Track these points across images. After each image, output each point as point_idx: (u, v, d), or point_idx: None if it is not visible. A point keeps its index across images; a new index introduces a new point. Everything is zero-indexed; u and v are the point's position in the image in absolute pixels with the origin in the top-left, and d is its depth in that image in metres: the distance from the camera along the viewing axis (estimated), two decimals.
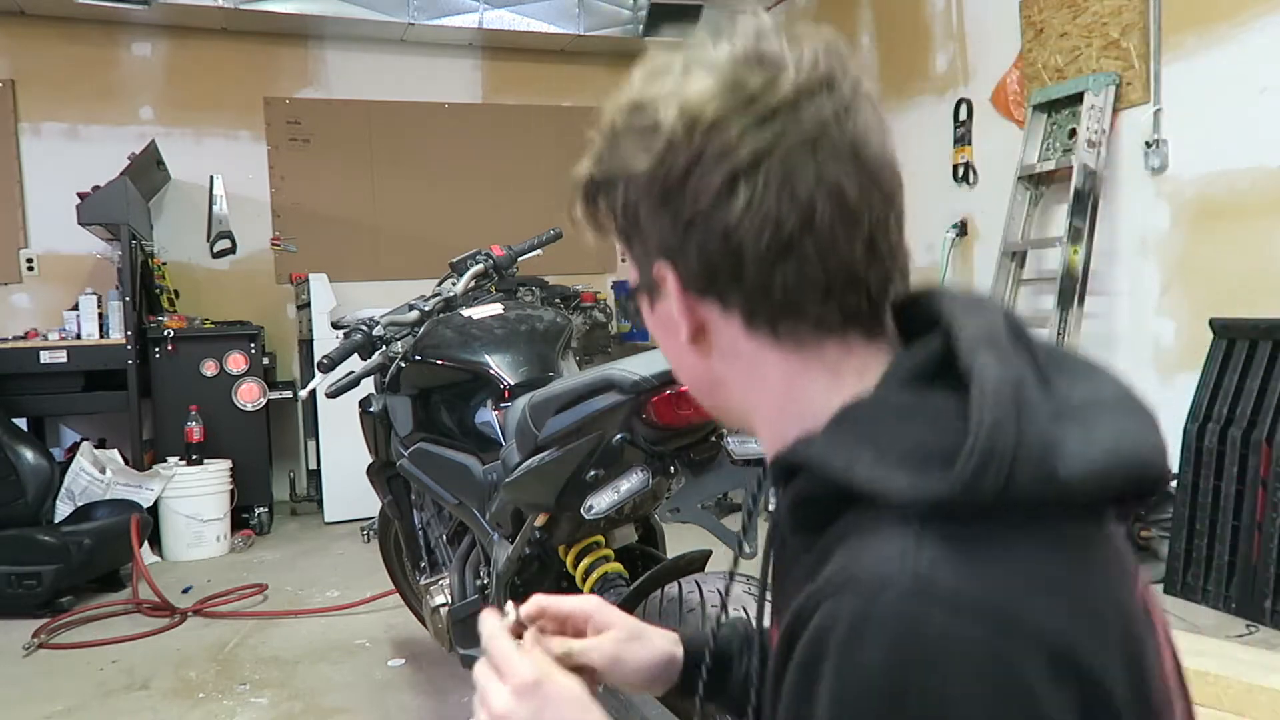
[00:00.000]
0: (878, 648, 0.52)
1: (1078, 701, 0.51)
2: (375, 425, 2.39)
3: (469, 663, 2.05)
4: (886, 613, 0.52)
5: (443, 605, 2.17)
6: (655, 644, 0.88)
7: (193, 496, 4.31)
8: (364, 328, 2.22)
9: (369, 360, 2.26)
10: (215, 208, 5.00)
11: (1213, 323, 3.29)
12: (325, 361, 2.13)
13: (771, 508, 0.86)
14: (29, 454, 4.02)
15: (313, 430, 5.13)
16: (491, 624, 0.79)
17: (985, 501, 0.53)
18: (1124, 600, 0.57)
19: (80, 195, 4.39)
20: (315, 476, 5.18)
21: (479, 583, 2.03)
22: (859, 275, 0.62)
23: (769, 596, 0.77)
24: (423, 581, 2.34)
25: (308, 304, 4.85)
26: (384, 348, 2.25)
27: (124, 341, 4.47)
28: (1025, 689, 0.51)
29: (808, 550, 0.61)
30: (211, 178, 5.02)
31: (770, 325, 0.64)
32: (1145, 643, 0.56)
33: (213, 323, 4.89)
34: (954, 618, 0.51)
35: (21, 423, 4.36)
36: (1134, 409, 0.60)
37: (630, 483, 1.42)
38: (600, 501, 1.58)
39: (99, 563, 3.75)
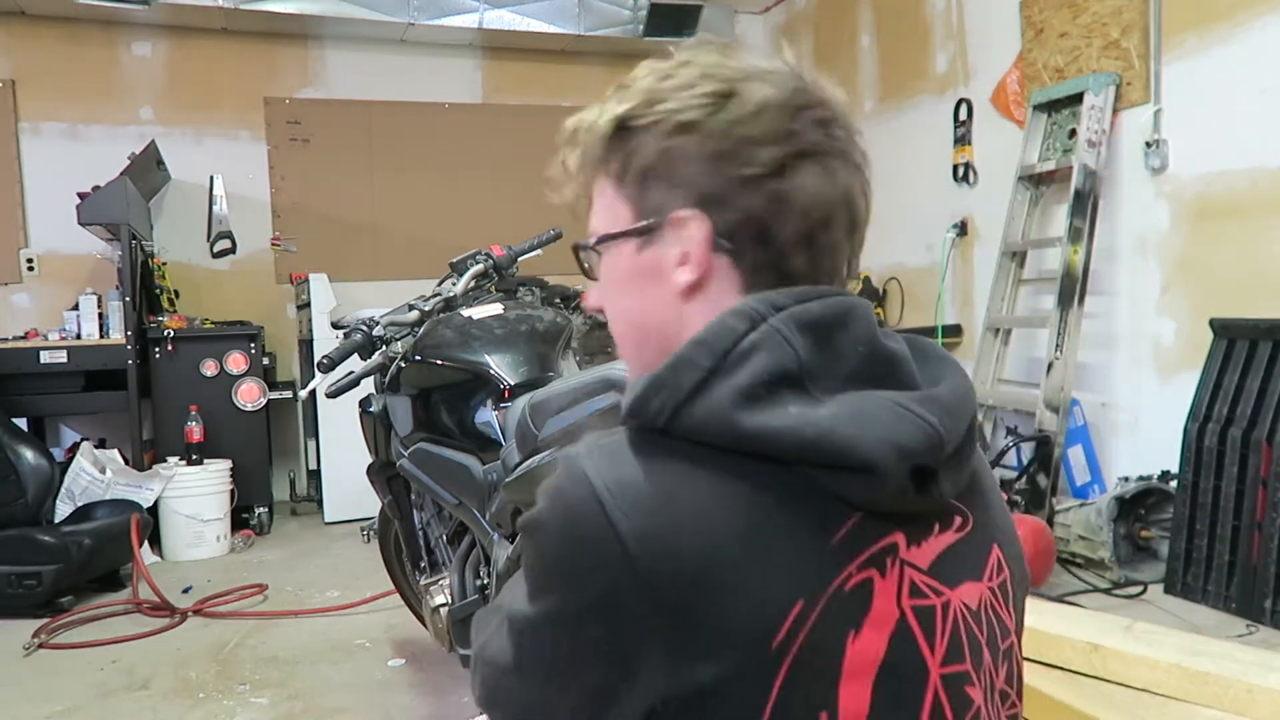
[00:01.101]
0: (545, 489, 0.69)
1: (630, 593, 0.63)
2: (375, 425, 2.39)
3: (469, 663, 2.05)
4: (558, 468, 0.69)
5: (443, 605, 2.17)
6: None
7: (193, 496, 4.30)
8: (364, 328, 2.22)
9: (369, 360, 2.25)
10: (215, 208, 4.99)
11: (1213, 323, 3.29)
12: (325, 361, 2.13)
13: None
14: (29, 454, 4.01)
15: (313, 430, 5.13)
16: None
17: (655, 420, 0.67)
18: (775, 552, 0.65)
19: (80, 195, 4.38)
20: (315, 476, 5.18)
21: (479, 583, 2.03)
22: (840, 271, 0.77)
23: None
24: (423, 581, 2.34)
25: (308, 304, 4.85)
26: (384, 348, 2.25)
27: (124, 341, 4.46)
28: (584, 554, 0.65)
29: None
30: (211, 178, 5.01)
31: (768, 285, 0.74)
32: (790, 597, 0.64)
33: (213, 323, 4.89)
34: (578, 485, 0.66)
35: (21, 423, 4.35)
36: (895, 416, 0.67)
37: None
38: None
39: (99, 563, 3.74)
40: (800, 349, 0.68)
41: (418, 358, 2.11)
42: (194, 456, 4.40)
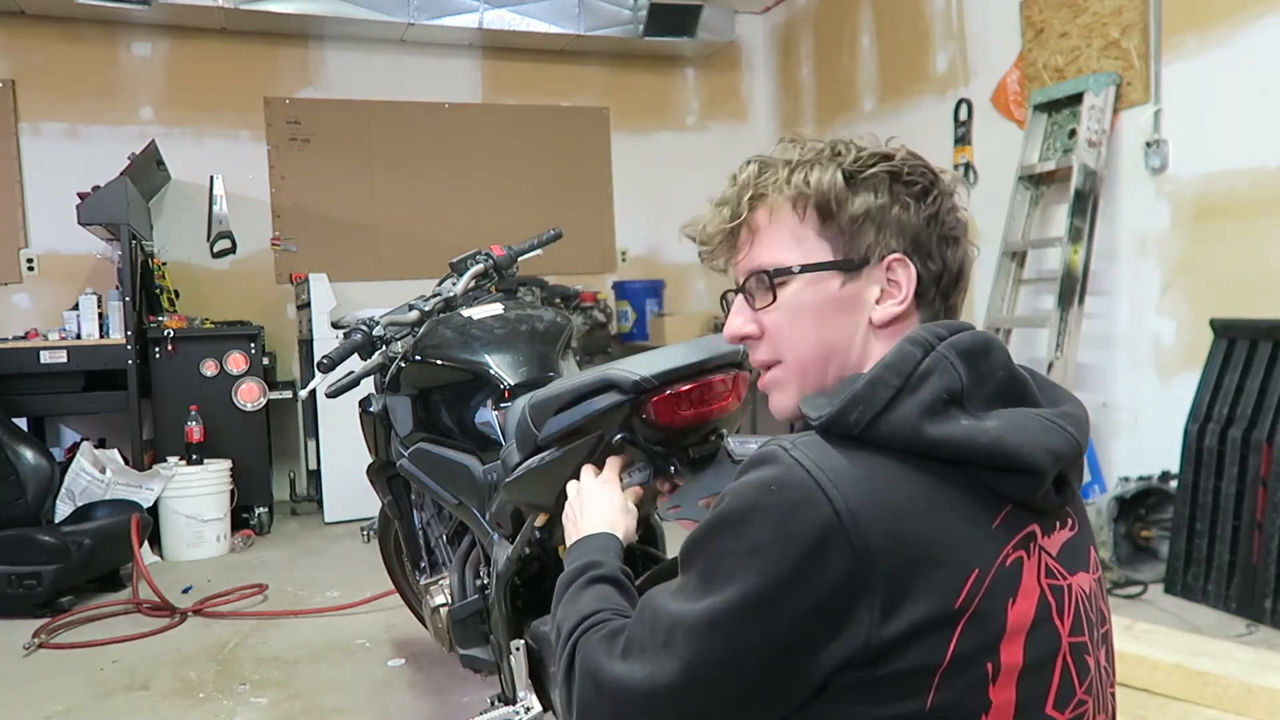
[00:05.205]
0: (752, 468, 0.83)
1: (846, 559, 0.76)
2: (375, 425, 2.38)
3: (469, 663, 2.05)
4: (764, 452, 0.83)
5: (443, 605, 2.17)
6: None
7: (193, 496, 4.31)
8: (364, 328, 2.22)
9: (369, 360, 2.25)
10: (215, 208, 4.99)
11: (1213, 323, 3.29)
12: (325, 361, 2.13)
13: None
14: (29, 454, 4.01)
15: (313, 430, 5.13)
16: (587, 468, 1.39)
17: (853, 429, 0.81)
18: (955, 531, 0.80)
19: (80, 195, 4.39)
20: (315, 476, 5.18)
21: (479, 583, 2.02)
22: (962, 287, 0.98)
23: None
24: (423, 581, 2.34)
25: (308, 304, 4.85)
26: (384, 348, 2.25)
27: (124, 341, 4.47)
28: (805, 528, 0.77)
29: None
30: (211, 178, 5.01)
31: (931, 315, 0.94)
32: (968, 567, 0.79)
33: (213, 323, 4.89)
34: (790, 468, 0.80)
35: (21, 423, 4.36)
36: (1045, 428, 0.85)
37: (631, 477, 1.42)
38: None
39: (99, 563, 3.75)
40: (962, 372, 0.84)
41: (418, 358, 2.11)
42: (194, 456, 4.40)
